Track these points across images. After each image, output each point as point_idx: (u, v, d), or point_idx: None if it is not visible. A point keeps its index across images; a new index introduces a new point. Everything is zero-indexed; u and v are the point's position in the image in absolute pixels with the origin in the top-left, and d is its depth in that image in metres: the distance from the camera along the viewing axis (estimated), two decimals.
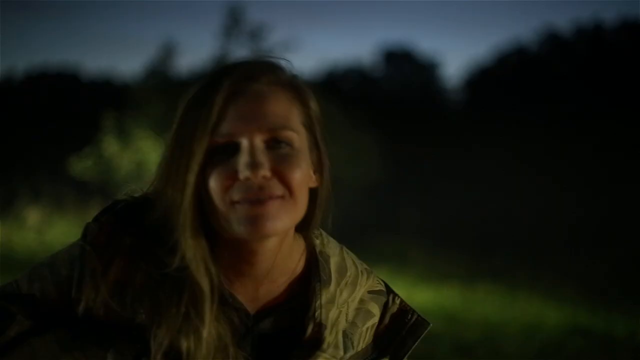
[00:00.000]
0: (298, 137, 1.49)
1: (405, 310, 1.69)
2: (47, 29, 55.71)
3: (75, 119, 22.29)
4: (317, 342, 1.56)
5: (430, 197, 19.16)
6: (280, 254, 1.55)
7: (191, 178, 1.44)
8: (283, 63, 1.57)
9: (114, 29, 56.62)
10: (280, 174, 1.44)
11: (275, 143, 1.45)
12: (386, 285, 1.72)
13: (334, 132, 16.34)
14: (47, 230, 13.60)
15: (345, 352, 1.59)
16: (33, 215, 14.99)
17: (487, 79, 26.39)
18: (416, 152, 21.06)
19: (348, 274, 1.64)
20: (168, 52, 17.13)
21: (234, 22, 16.35)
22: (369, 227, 15.52)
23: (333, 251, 1.66)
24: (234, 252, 1.54)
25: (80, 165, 15.44)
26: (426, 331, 1.67)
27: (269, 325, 1.59)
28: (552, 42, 26.15)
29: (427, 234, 15.73)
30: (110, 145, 15.34)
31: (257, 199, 1.42)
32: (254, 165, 1.41)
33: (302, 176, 1.48)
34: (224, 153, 1.45)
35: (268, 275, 1.57)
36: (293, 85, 1.54)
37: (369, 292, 1.67)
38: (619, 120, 19.67)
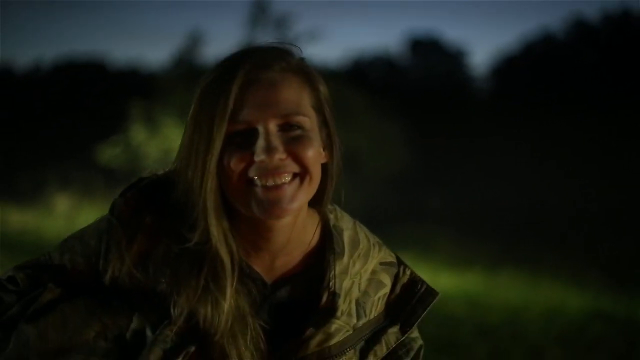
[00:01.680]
0: (309, 119, 1.61)
1: (415, 280, 1.78)
2: (75, 19, 55.95)
3: (103, 107, 22.42)
4: (331, 310, 1.66)
5: (455, 185, 19.15)
6: (295, 228, 1.67)
7: (212, 162, 1.56)
8: (292, 49, 1.69)
9: (141, 19, 56.78)
10: (294, 155, 1.57)
11: (288, 127, 1.57)
12: (397, 257, 1.81)
13: (360, 121, 16.45)
14: (76, 217, 13.72)
15: (358, 319, 1.68)
16: (62, 203, 15.14)
17: (513, 68, 26.22)
18: (442, 140, 21.03)
19: (361, 246, 1.74)
20: (194, 41, 17.18)
21: (260, 12, 16.39)
22: (394, 214, 15.53)
23: (346, 225, 1.76)
24: (251, 228, 1.65)
25: (109, 153, 15.56)
26: (435, 300, 1.75)
27: (285, 295, 1.69)
28: (579, 30, 25.94)
29: (452, 221, 15.72)
30: (138, 134, 15.47)
31: (274, 184, 1.56)
32: (269, 149, 1.54)
33: (315, 154, 1.60)
34: (240, 137, 1.56)
35: (284, 249, 1.68)
36: (302, 70, 1.65)
37: (381, 263, 1.76)
38: None
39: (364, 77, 26.28)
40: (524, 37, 30.47)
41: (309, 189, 1.62)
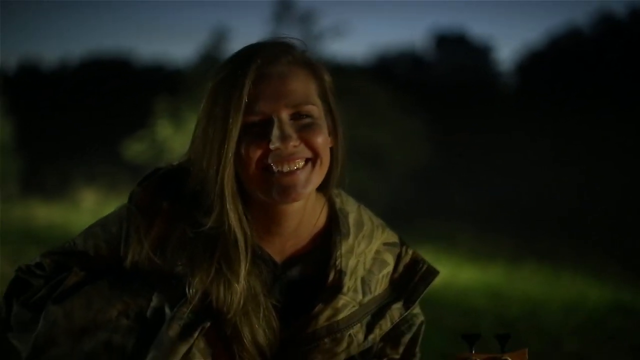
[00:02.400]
0: (317, 108, 1.75)
1: (416, 260, 1.90)
2: (101, 16, 56.23)
3: (128, 104, 22.55)
4: (338, 287, 1.78)
5: (478, 181, 19.13)
6: (305, 213, 1.80)
7: (229, 152, 1.69)
8: (297, 42, 1.82)
9: (166, 15, 56.98)
10: (306, 141, 1.72)
11: (299, 116, 1.72)
12: (400, 238, 1.92)
13: (384, 116, 16.47)
14: (102, 211, 13.80)
15: (364, 296, 1.80)
16: (88, 198, 15.30)
17: (539, 63, 26.06)
18: (466, 136, 20.98)
19: (365, 228, 1.86)
20: (219, 38, 17.25)
21: (284, 8, 16.35)
22: (417, 210, 15.56)
23: (351, 208, 1.89)
24: (264, 213, 1.78)
25: (134, 149, 15.68)
26: (435, 278, 1.86)
27: (295, 274, 1.82)
28: (606, 25, 25.73)
29: (474, 217, 15.74)
30: (163, 129, 15.56)
31: (289, 169, 1.70)
32: (284, 137, 1.69)
33: (324, 140, 1.74)
34: (256, 127, 1.70)
35: (294, 232, 1.81)
36: (308, 62, 1.79)
37: (384, 244, 1.88)
38: None
39: (389, 72, 26.20)
40: (550, 32, 30.23)
41: (320, 173, 1.75)
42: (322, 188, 1.84)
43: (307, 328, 1.77)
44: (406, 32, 63.57)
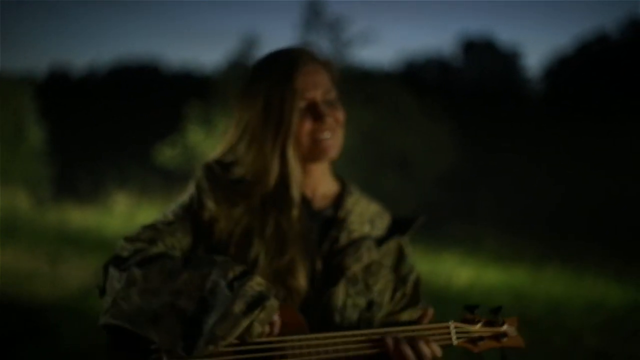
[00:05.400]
0: (335, 93, 2.38)
1: (403, 216, 2.51)
2: (130, 21, 56.64)
3: (158, 108, 22.81)
4: (346, 220, 2.41)
5: (503, 185, 19.22)
6: (326, 171, 2.46)
7: (292, 126, 2.28)
8: (312, 47, 2.57)
9: (196, 22, 57.33)
10: (335, 117, 2.35)
11: (328, 99, 2.35)
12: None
13: (412, 122, 16.61)
14: (135, 215, 14.09)
15: (371, 229, 2.43)
16: (121, 202, 15.50)
17: (568, 69, 26.00)
18: (493, 141, 21.05)
19: (364, 196, 2.51)
20: (249, 44, 17.39)
21: (314, 15, 16.58)
22: (444, 213, 15.69)
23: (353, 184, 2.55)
24: (303, 168, 2.38)
25: (166, 154, 15.92)
26: (421, 220, 2.46)
27: (325, 215, 2.43)
28: (635, 30, 25.58)
29: (499, 220, 15.92)
30: (195, 134, 15.79)
31: (329, 137, 2.33)
32: (324, 114, 2.31)
33: (343, 115, 2.38)
34: (305, 109, 2.31)
35: (321, 184, 2.45)
36: (325, 62, 2.41)
37: (380, 209, 2.52)
38: None
39: (417, 78, 26.34)
40: (579, 37, 30.15)
41: (341, 138, 2.39)
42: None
43: (334, 245, 2.36)
44: (434, 38, 63.67)
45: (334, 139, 2.35)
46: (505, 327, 2.21)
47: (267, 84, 2.30)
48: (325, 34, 16.24)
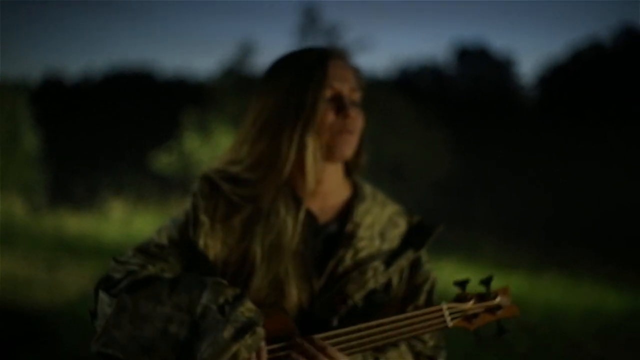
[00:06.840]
0: (360, 97, 2.25)
1: (421, 221, 2.35)
2: (125, 28, 56.65)
3: (153, 115, 22.83)
4: (355, 234, 2.23)
5: (499, 192, 19.25)
6: (337, 178, 2.29)
7: (317, 116, 2.16)
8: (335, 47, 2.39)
9: (191, 28, 57.34)
10: (357, 118, 2.21)
11: (353, 100, 2.22)
12: (409, 210, 2.39)
13: (407, 129, 16.64)
14: (131, 222, 14.08)
15: (381, 244, 2.26)
16: (117, 208, 15.47)
17: (561, 76, 26.06)
18: (487, 148, 21.09)
19: (378, 197, 2.34)
20: (245, 51, 17.39)
21: (309, 21, 16.60)
22: (439, 220, 15.63)
23: (367, 186, 2.37)
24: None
25: (162, 161, 15.92)
26: (439, 229, 2.32)
27: (330, 229, 2.26)
28: (628, 38, 25.66)
29: (496, 227, 15.93)
30: (191, 141, 15.79)
31: (353, 129, 2.19)
32: (349, 107, 2.18)
33: (362, 121, 2.25)
34: (330, 100, 2.19)
35: (330, 195, 2.29)
36: (354, 67, 2.28)
37: (396, 212, 2.34)
38: None
39: (411, 86, 26.40)
40: (573, 45, 30.25)
41: (356, 143, 2.25)
42: (348, 172, 2.36)
43: (339, 266, 2.19)
44: (428, 46, 63.72)
45: (352, 141, 2.20)
46: (498, 299, 2.18)
47: (294, 71, 2.19)
48: (321, 41, 16.21)
